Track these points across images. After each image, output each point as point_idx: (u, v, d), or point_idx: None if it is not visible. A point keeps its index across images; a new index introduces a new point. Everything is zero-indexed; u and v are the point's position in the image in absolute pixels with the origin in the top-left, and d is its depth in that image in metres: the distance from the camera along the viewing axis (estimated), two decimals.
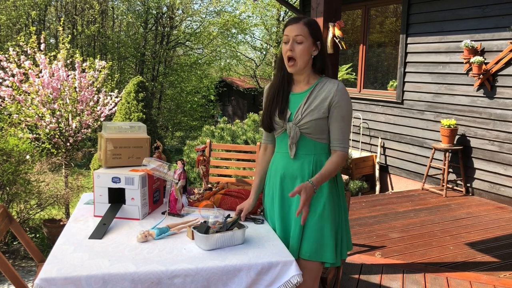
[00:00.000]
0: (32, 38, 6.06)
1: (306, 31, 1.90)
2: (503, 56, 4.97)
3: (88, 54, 16.37)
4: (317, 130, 1.93)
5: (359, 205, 5.02)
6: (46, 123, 5.86)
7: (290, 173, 1.99)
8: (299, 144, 1.97)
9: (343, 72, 7.63)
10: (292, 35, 1.90)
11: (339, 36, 3.49)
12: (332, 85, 1.93)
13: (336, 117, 1.92)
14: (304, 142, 1.96)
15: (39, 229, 5.41)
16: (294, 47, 1.90)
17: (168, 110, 19.71)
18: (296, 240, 1.93)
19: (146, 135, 2.35)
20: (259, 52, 22.30)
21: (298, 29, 1.90)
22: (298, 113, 1.94)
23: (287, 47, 1.91)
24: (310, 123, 1.92)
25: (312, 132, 1.94)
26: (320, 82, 1.97)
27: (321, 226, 1.92)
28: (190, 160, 6.33)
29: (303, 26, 1.90)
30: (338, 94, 1.90)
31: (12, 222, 2.29)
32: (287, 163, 2.00)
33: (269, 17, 20.22)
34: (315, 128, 1.93)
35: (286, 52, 1.92)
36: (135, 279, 1.59)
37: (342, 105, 1.91)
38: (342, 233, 1.99)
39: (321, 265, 1.96)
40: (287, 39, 1.92)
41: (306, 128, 1.93)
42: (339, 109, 1.91)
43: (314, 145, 1.96)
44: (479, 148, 5.34)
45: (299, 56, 1.90)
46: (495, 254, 3.64)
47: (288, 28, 1.93)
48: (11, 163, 4.62)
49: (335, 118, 1.93)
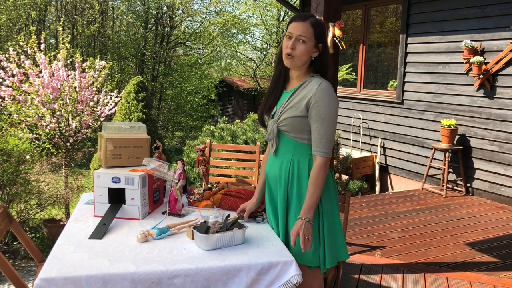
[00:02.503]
0: (32, 38, 6.06)
1: (310, 32, 1.86)
2: (503, 56, 4.97)
3: (88, 54, 16.37)
4: (295, 128, 1.88)
5: (359, 205, 5.02)
6: (46, 123, 5.86)
7: (273, 172, 2.00)
8: (279, 143, 1.96)
9: (343, 72, 7.63)
10: (296, 33, 1.85)
11: (339, 36, 3.49)
12: (314, 83, 1.86)
13: (315, 118, 1.84)
14: (284, 140, 1.94)
15: (39, 229, 5.41)
16: (296, 45, 1.86)
17: (168, 110, 19.71)
18: None
19: (146, 135, 2.35)
20: (259, 52, 22.30)
21: (303, 29, 1.85)
22: (279, 110, 1.93)
23: (289, 44, 1.87)
24: (287, 121, 1.88)
25: (290, 130, 1.90)
26: (307, 80, 1.92)
27: None
28: (190, 160, 6.32)
29: (309, 27, 1.86)
30: (317, 94, 1.82)
31: (12, 222, 2.29)
32: (271, 162, 2.03)
33: (269, 17, 20.22)
34: (292, 126, 1.88)
35: (286, 48, 1.88)
36: (135, 279, 1.59)
37: (322, 105, 1.82)
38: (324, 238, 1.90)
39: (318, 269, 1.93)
40: (290, 35, 1.88)
41: (283, 125, 1.90)
42: (318, 109, 1.82)
43: (294, 144, 1.92)
44: (479, 148, 5.34)
45: (298, 55, 1.87)
46: (495, 254, 3.64)
47: (293, 24, 1.88)
48: (11, 163, 4.62)
49: (314, 119, 1.84)
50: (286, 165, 1.93)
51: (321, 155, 1.84)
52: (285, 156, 1.94)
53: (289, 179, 1.92)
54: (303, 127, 1.88)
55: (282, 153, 1.95)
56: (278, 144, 1.95)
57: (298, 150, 1.91)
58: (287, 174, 1.92)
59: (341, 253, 1.98)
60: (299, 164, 1.90)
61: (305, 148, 1.91)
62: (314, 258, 1.89)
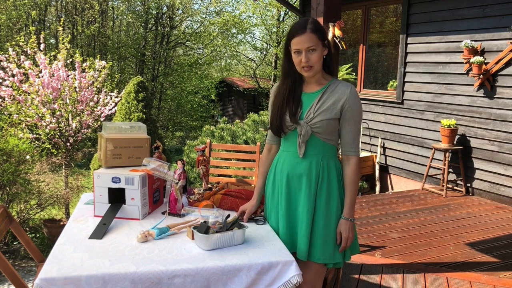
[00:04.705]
0: (32, 38, 6.06)
1: (315, 39, 1.89)
2: (503, 56, 4.97)
3: (88, 54, 16.38)
4: (327, 130, 1.95)
5: (359, 205, 5.02)
6: (46, 123, 5.86)
7: (297, 172, 1.99)
8: (308, 144, 1.97)
9: (343, 72, 7.62)
10: (304, 47, 1.88)
11: (339, 36, 3.50)
12: (345, 88, 1.95)
13: (349, 120, 1.95)
14: (314, 142, 1.97)
15: (39, 229, 5.41)
16: (309, 57, 1.89)
17: (168, 110, 19.73)
18: (305, 243, 1.93)
19: (146, 135, 2.35)
20: (259, 52, 22.31)
21: (308, 40, 1.88)
22: (310, 112, 1.95)
23: (302, 59, 1.89)
24: (321, 123, 1.93)
25: (323, 132, 1.95)
26: (332, 83, 1.98)
27: (332, 229, 1.96)
28: (190, 160, 6.33)
29: (312, 35, 1.88)
30: (351, 98, 1.93)
31: (12, 222, 2.29)
32: (294, 162, 2.00)
33: (269, 17, 20.23)
34: (325, 128, 1.94)
35: (300, 63, 1.91)
36: (135, 279, 1.59)
37: (355, 108, 1.94)
38: None
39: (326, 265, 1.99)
40: (298, 51, 1.90)
41: (317, 127, 1.94)
42: (352, 113, 1.94)
43: (323, 145, 1.97)
44: (479, 148, 5.34)
45: (315, 62, 1.91)
46: (495, 254, 3.64)
47: (296, 40, 1.90)
48: (11, 163, 4.62)
49: (347, 122, 1.95)
50: (316, 166, 1.97)
51: (356, 155, 1.99)
52: (314, 157, 1.98)
53: (319, 179, 1.97)
54: (334, 129, 1.98)
55: (311, 153, 1.98)
56: (307, 146, 1.98)
57: (327, 151, 1.99)
58: (317, 175, 1.96)
59: (355, 247, 2.09)
60: (328, 165, 1.98)
61: (333, 150, 2.01)
62: (340, 255, 1.99)
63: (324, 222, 1.95)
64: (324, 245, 1.94)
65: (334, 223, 1.96)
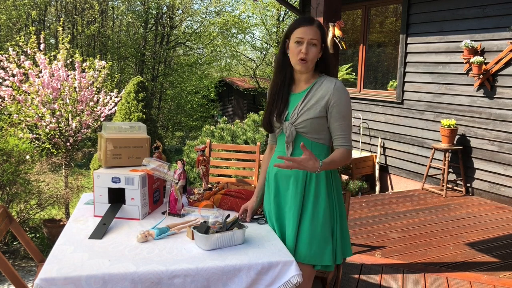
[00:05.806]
0: (32, 38, 6.06)
1: (319, 35, 1.91)
2: (503, 56, 4.97)
3: (88, 54, 16.38)
4: (313, 129, 1.93)
5: (359, 205, 5.02)
6: (46, 123, 5.86)
7: (285, 172, 1.99)
8: (295, 144, 1.97)
9: (343, 72, 7.63)
10: (308, 38, 1.89)
11: (339, 36, 3.50)
12: (329, 83, 1.92)
13: (336, 117, 1.91)
14: (301, 142, 1.95)
15: (39, 229, 5.41)
16: (309, 49, 1.90)
17: (168, 110, 19.73)
18: (292, 242, 1.93)
19: (146, 135, 2.35)
20: (259, 52, 22.31)
21: (313, 33, 1.89)
22: (294, 112, 1.94)
23: (302, 49, 1.89)
24: (305, 122, 1.92)
25: (308, 132, 1.93)
26: (318, 81, 1.96)
27: (318, 230, 1.92)
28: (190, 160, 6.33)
29: (317, 30, 1.91)
30: (335, 93, 1.89)
31: (12, 222, 2.29)
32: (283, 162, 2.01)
33: (269, 17, 20.23)
34: (311, 127, 1.92)
35: (298, 53, 1.90)
36: (135, 279, 1.59)
37: (341, 103, 1.90)
38: (336, 238, 1.97)
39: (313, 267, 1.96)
40: (301, 40, 1.90)
41: (302, 127, 1.93)
42: (339, 108, 1.90)
43: (311, 145, 1.95)
44: (479, 148, 5.34)
45: (311, 59, 1.91)
46: (495, 254, 3.64)
47: (302, 29, 1.90)
48: (11, 163, 4.62)
49: (335, 118, 1.92)
50: None
51: (348, 148, 1.94)
52: None
53: (306, 179, 1.94)
54: (321, 128, 1.94)
55: (299, 153, 1.95)
56: (294, 146, 1.97)
57: (315, 151, 1.94)
58: (305, 175, 1.94)
59: (347, 250, 2.05)
60: None
61: (322, 148, 1.97)
62: (329, 257, 1.94)
63: (311, 223, 1.92)
64: (310, 246, 1.91)
65: (321, 224, 1.92)
